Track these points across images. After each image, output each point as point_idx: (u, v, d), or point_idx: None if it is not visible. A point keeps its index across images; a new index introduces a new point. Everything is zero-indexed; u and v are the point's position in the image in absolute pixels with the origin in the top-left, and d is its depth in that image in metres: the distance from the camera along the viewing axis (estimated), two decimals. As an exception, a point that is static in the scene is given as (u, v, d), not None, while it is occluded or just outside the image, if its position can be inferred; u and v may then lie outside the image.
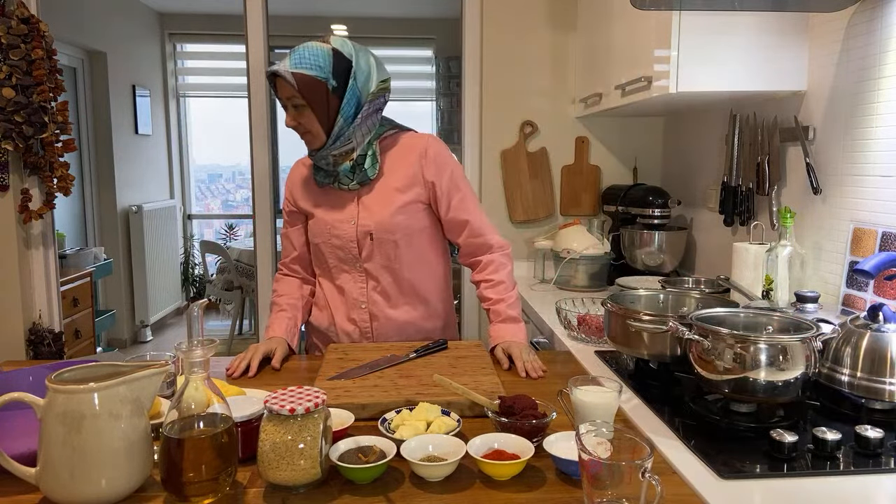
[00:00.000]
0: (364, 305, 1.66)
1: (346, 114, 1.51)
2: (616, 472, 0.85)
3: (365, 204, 1.62)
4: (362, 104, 1.53)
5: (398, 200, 1.60)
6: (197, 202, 6.26)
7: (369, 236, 1.60)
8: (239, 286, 4.69)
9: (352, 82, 1.50)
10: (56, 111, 2.31)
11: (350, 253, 1.63)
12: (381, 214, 1.60)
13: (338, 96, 1.50)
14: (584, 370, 1.53)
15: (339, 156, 1.56)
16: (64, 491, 0.90)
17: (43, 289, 2.45)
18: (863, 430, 1.09)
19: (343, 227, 1.62)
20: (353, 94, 1.51)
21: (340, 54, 1.50)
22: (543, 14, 2.81)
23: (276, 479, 0.94)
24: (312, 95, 1.48)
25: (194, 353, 0.93)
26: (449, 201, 1.64)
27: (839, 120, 1.72)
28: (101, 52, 4.72)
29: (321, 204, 1.65)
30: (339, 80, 1.50)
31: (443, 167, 1.62)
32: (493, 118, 2.86)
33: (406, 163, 1.62)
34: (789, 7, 1.77)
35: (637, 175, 2.92)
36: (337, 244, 1.63)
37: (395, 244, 1.61)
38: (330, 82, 1.49)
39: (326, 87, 1.49)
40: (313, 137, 1.54)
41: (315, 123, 1.52)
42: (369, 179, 1.60)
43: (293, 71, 1.47)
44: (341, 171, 1.58)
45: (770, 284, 1.73)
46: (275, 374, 1.52)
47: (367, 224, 1.60)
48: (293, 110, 1.52)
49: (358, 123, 1.54)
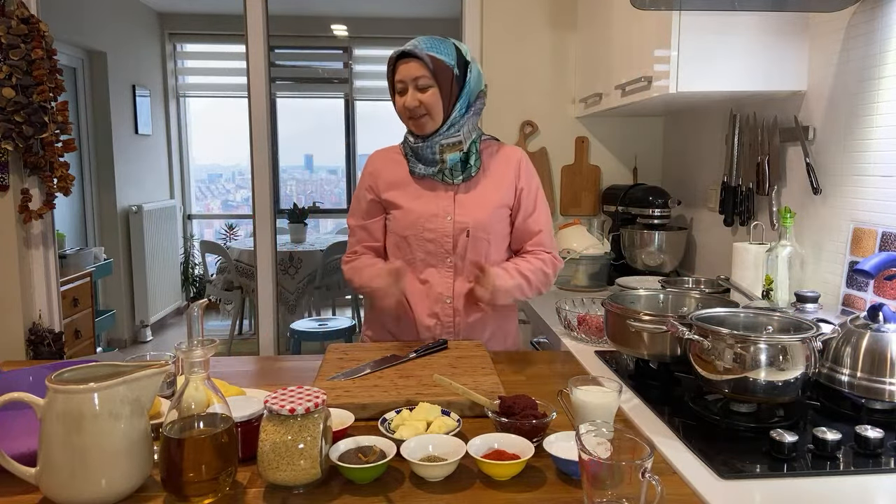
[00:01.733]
0: (449, 301, 1.67)
1: (462, 104, 1.61)
2: (616, 472, 0.85)
3: (461, 201, 1.65)
4: (473, 101, 1.63)
5: (495, 201, 1.66)
6: (197, 202, 6.26)
7: (466, 233, 1.64)
8: (239, 286, 4.69)
9: (469, 76, 1.61)
10: (56, 111, 2.31)
11: (443, 247, 1.65)
12: (479, 213, 1.64)
13: (458, 86, 1.60)
14: (584, 370, 1.53)
15: (447, 146, 1.62)
16: (64, 491, 0.90)
17: (43, 289, 2.46)
18: (863, 430, 1.09)
19: (438, 221, 1.64)
20: (469, 88, 1.61)
21: (460, 51, 1.61)
22: (543, 14, 2.81)
23: (276, 479, 0.94)
24: (442, 77, 1.57)
25: (194, 353, 0.93)
26: (528, 209, 1.70)
27: (839, 120, 1.72)
28: (101, 52, 4.72)
29: (414, 196, 1.67)
30: (461, 72, 1.60)
31: (532, 178, 1.71)
32: (493, 118, 2.86)
33: (505, 168, 1.69)
34: (789, 7, 1.77)
35: (637, 175, 2.92)
36: (430, 237, 1.65)
37: (487, 243, 1.66)
38: (455, 71, 1.58)
39: (453, 74, 1.58)
40: (431, 119, 1.59)
41: (439, 104, 1.58)
42: (472, 176, 1.66)
43: (429, 53, 1.55)
44: (449, 161, 1.62)
45: (770, 284, 1.73)
46: (275, 374, 1.52)
47: (464, 220, 1.64)
48: (417, 91, 1.57)
49: (469, 117, 1.63)
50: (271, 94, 2.94)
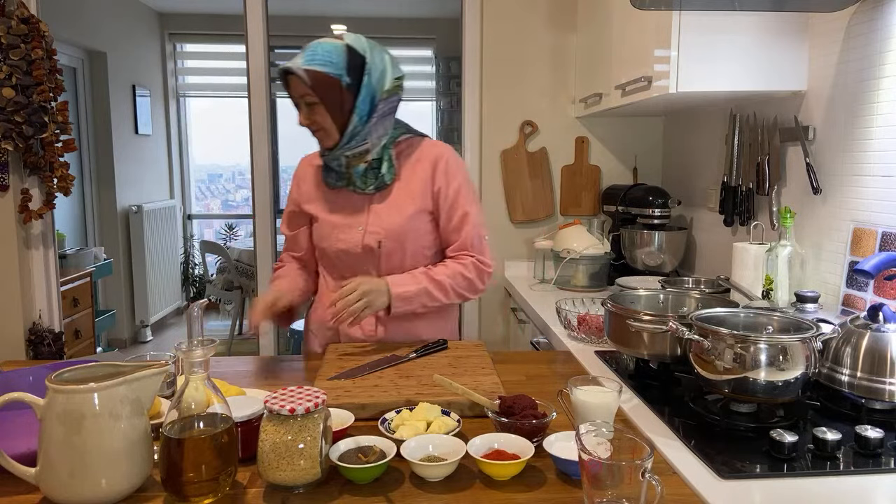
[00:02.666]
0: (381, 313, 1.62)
1: (360, 112, 1.50)
2: (616, 472, 0.85)
3: (376, 210, 1.60)
4: (377, 102, 1.51)
5: (410, 209, 1.59)
6: (197, 202, 6.26)
7: (378, 244, 1.59)
8: (239, 286, 4.69)
9: (366, 79, 1.49)
10: (56, 111, 2.31)
11: (356, 259, 1.61)
12: (393, 222, 1.58)
13: (352, 94, 1.49)
14: (584, 370, 1.53)
15: (353, 157, 1.55)
16: (64, 491, 0.90)
17: (43, 289, 2.46)
18: (863, 430, 1.09)
19: (351, 232, 1.60)
20: (368, 92, 1.50)
21: (354, 51, 1.49)
22: (543, 14, 2.81)
23: (276, 479, 0.94)
24: (326, 92, 1.47)
25: (194, 353, 0.93)
26: (447, 211, 1.61)
27: (839, 120, 1.72)
28: (101, 52, 4.73)
29: (330, 207, 1.63)
30: (354, 78, 1.48)
31: (452, 178, 1.60)
32: (493, 118, 2.86)
33: (420, 171, 1.60)
34: (789, 7, 1.77)
35: (637, 175, 2.92)
36: (343, 248, 1.62)
37: (402, 252, 1.60)
38: (344, 79, 1.47)
39: (340, 84, 1.47)
40: (326, 135, 1.52)
41: (328, 121, 1.50)
42: (386, 184, 1.58)
43: (306, 68, 1.45)
44: (355, 173, 1.56)
45: (770, 284, 1.73)
46: (275, 374, 1.52)
47: (376, 231, 1.58)
48: (306, 108, 1.50)
49: (374, 123, 1.52)
50: (271, 94, 2.94)
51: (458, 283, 1.61)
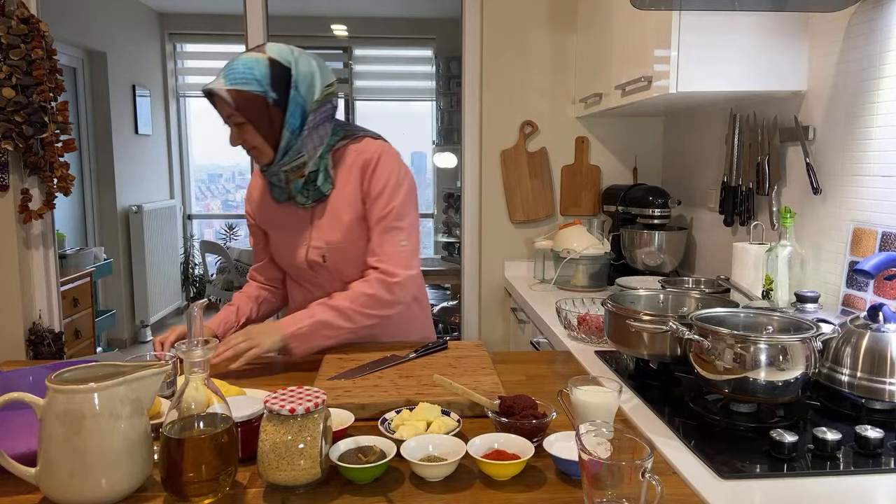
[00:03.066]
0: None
1: (291, 126, 1.44)
2: (616, 472, 0.85)
3: (318, 224, 1.56)
4: (308, 113, 1.45)
5: (346, 218, 1.53)
6: (197, 202, 6.27)
7: (322, 258, 1.56)
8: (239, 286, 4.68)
9: (293, 92, 1.42)
10: (56, 111, 2.31)
11: (304, 273, 1.62)
12: (333, 235, 1.54)
13: (280, 108, 1.42)
14: (584, 370, 1.53)
15: (291, 171, 1.49)
16: (64, 491, 0.90)
17: (43, 289, 2.46)
18: (863, 430, 1.09)
19: (296, 247, 1.58)
20: (297, 105, 1.43)
21: (278, 63, 1.42)
22: (543, 14, 2.81)
23: (276, 479, 0.94)
24: (251, 111, 1.40)
25: (194, 353, 0.93)
26: (371, 218, 1.53)
27: (839, 120, 1.72)
28: (101, 52, 4.73)
29: (278, 223, 1.62)
30: (280, 92, 1.41)
31: (378, 180, 1.51)
32: (493, 118, 2.86)
33: (352, 176, 1.53)
34: (789, 7, 1.77)
35: (637, 175, 2.92)
36: (292, 264, 1.62)
37: (350, 262, 1.57)
38: (269, 95, 1.40)
39: (266, 101, 1.40)
40: (260, 154, 1.47)
41: (259, 140, 1.44)
42: (324, 196, 1.53)
43: (228, 88, 1.38)
44: (294, 188, 1.51)
45: (770, 284, 1.73)
46: (275, 374, 1.52)
47: (319, 246, 1.55)
48: (235, 128, 1.44)
49: (306, 135, 1.46)
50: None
51: (361, 304, 1.50)
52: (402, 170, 1.56)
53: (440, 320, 4.33)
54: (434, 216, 6.08)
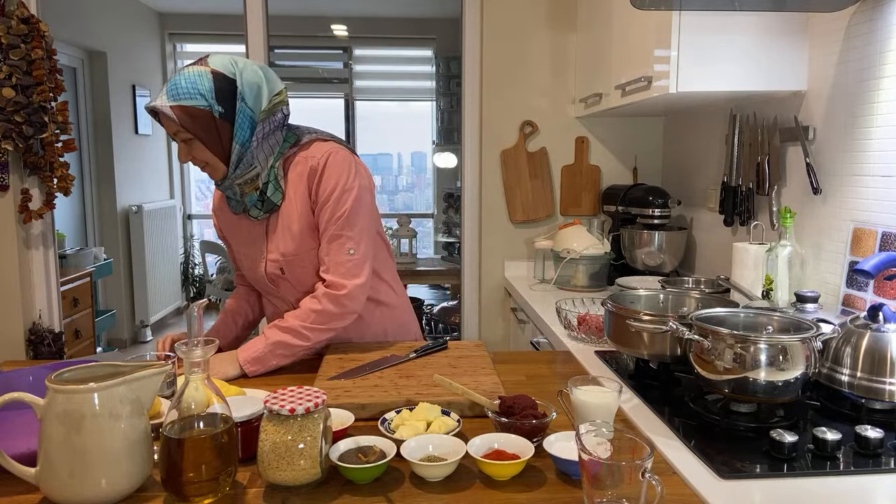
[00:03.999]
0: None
1: (240, 138, 1.40)
2: (616, 472, 0.85)
3: (272, 236, 1.53)
4: (256, 124, 1.41)
5: (297, 227, 1.49)
6: (197, 202, 6.26)
7: (281, 270, 1.53)
8: (239, 286, 4.69)
9: (240, 104, 1.38)
10: (56, 111, 2.31)
11: (265, 286, 1.60)
12: (287, 246, 1.50)
13: (228, 121, 1.38)
14: (584, 370, 1.53)
15: (245, 184, 1.45)
16: (64, 491, 0.90)
17: (43, 289, 2.46)
18: (863, 430, 1.09)
19: (255, 259, 1.57)
20: (245, 116, 1.39)
21: (222, 75, 1.37)
22: (543, 14, 2.81)
23: (276, 479, 0.94)
24: (198, 127, 1.36)
25: (194, 353, 0.93)
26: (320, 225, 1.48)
27: (839, 120, 1.72)
28: (101, 52, 4.73)
29: (237, 235, 1.60)
30: (226, 104, 1.37)
31: (325, 185, 1.45)
32: (493, 118, 2.86)
33: (301, 183, 1.48)
34: (789, 7, 1.77)
35: (637, 175, 2.92)
36: (253, 277, 1.60)
37: (308, 272, 1.52)
38: (215, 109, 1.36)
39: (212, 115, 1.36)
40: (212, 170, 1.43)
41: (208, 155, 1.40)
42: (276, 207, 1.49)
43: (171, 104, 1.34)
44: (248, 201, 1.48)
45: (770, 284, 1.73)
46: (275, 374, 1.52)
47: (276, 258, 1.52)
48: (183, 145, 1.40)
49: (256, 146, 1.42)
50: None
51: (312, 322, 1.46)
52: (352, 173, 1.47)
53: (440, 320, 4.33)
54: (434, 216, 6.08)
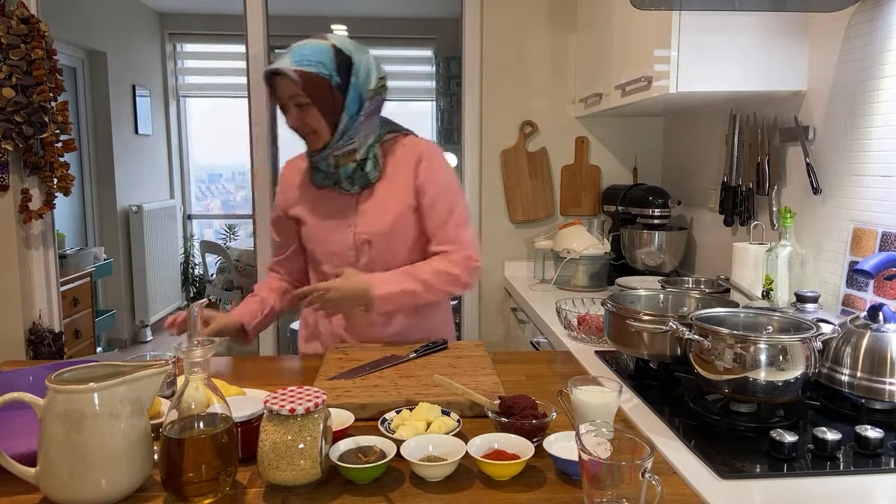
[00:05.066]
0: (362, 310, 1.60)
1: (350, 111, 1.50)
2: (616, 472, 0.85)
3: (363, 210, 1.59)
4: (364, 101, 1.52)
5: (396, 207, 1.58)
6: (197, 202, 6.26)
7: (367, 244, 1.58)
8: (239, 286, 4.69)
9: (353, 79, 1.49)
10: (56, 111, 2.31)
11: (347, 260, 1.60)
12: (380, 221, 1.57)
13: (341, 93, 1.49)
14: (584, 370, 1.53)
15: (342, 156, 1.54)
16: (64, 491, 0.90)
17: (43, 289, 2.46)
18: (863, 430, 1.09)
19: (340, 233, 1.59)
20: (356, 91, 1.50)
21: (340, 51, 1.49)
22: (543, 14, 2.81)
23: (276, 479, 0.94)
24: (317, 92, 1.46)
25: (194, 353, 0.93)
26: (435, 210, 1.59)
27: (839, 120, 1.72)
28: (101, 52, 4.73)
29: (317, 209, 1.62)
30: (342, 77, 1.48)
31: (435, 173, 1.59)
32: (493, 118, 2.86)
33: (404, 167, 1.59)
34: (789, 7, 1.77)
35: (637, 175, 2.92)
36: (333, 250, 1.61)
37: (393, 251, 1.59)
38: (333, 79, 1.47)
39: (330, 84, 1.47)
40: (318, 137, 1.52)
41: (321, 121, 1.49)
42: (370, 183, 1.58)
43: (296, 69, 1.44)
44: (342, 173, 1.56)
45: (770, 284, 1.73)
46: (275, 374, 1.52)
47: (364, 231, 1.58)
48: (296, 110, 1.49)
49: (362, 120, 1.52)
50: (271, 94, 2.94)
51: (442, 280, 1.57)
52: (451, 166, 1.66)
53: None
54: (434, 216, 6.06)
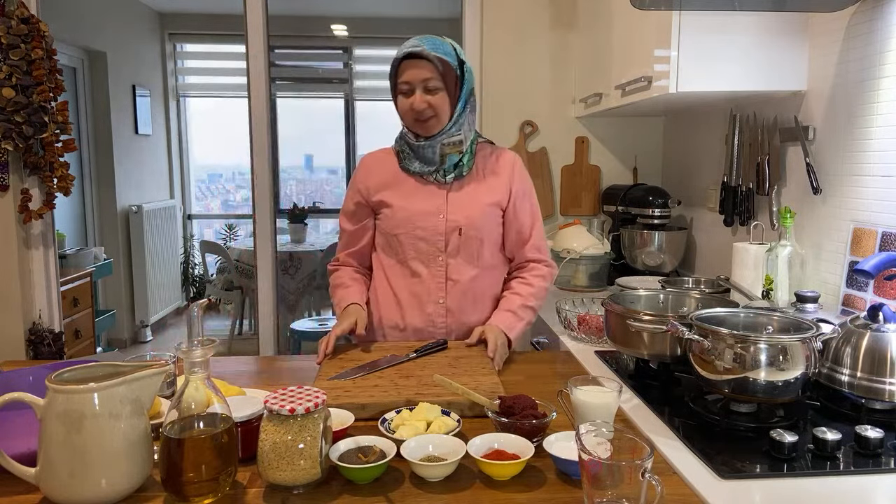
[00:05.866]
0: (442, 301, 1.66)
1: (463, 102, 1.62)
2: (616, 472, 0.85)
3: (453, 199, 1.65)
4: (469, 98, 1.64)
5: (487, 200, 1.65)
6: (197, 202, 6.26)
7: (458, 231, 1.63)
8: (239, 286, 4.69)
9: (467, 76, 1.62)
10: (56, 111, 2.31)
11: (435, 246, 1.64)
12: (471, 211, 1.64)
13: (459, 85, 1.60)
14: (584, 370, 1.53)
15: (449, 145, 1.62)
16: (64, 491, 0.90)
17: (43, 289, 2.45)
18: (863, 430, 1.09)
19: (431, 219, 1.64)
20: (468, 86, 1.62)
21: (456, 50, 1.62)
22: (543, 14, 2.81)
23: (276, 479, 0.94)
24: (448, 78, 1.57)
25: (194, 353, 0.93)
26: (523, 213, 1.69)
27: (839, 120, 1.72)
28: (101, 52, 4.72)
29: (405, 194, 1.67)
30: (460, 71, 1.60)
31: (526, 181, 1.72)
32: (493, 118, 2.86)
33: (499, 168, 1.69)
34: (789, 7, 1.77)
35: (637, 175, 2.92)
36: (421, 235, 1.64)
37: (480, 242, 1.66)
38: (457, 70, 1.59)
39: (456, 74, 1.59)
40: (438, 121, 1.59)
41: (446, 105, 1.58)
42: (463, 175, 1.66)
43: (437, 56, 1.55)
44: (448, 161, 1.63)
45: (770, 284, 1.73)
46: (275, 374, 1.52)
47: (456, 219, 1.63)
48: (425, 94, 1.56)
49: (468, 113, 1.64)
50: (271, 94, 2.94)
51: (541, 298, 1.72)
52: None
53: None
54: (434, 216, 6.06)
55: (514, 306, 1.66)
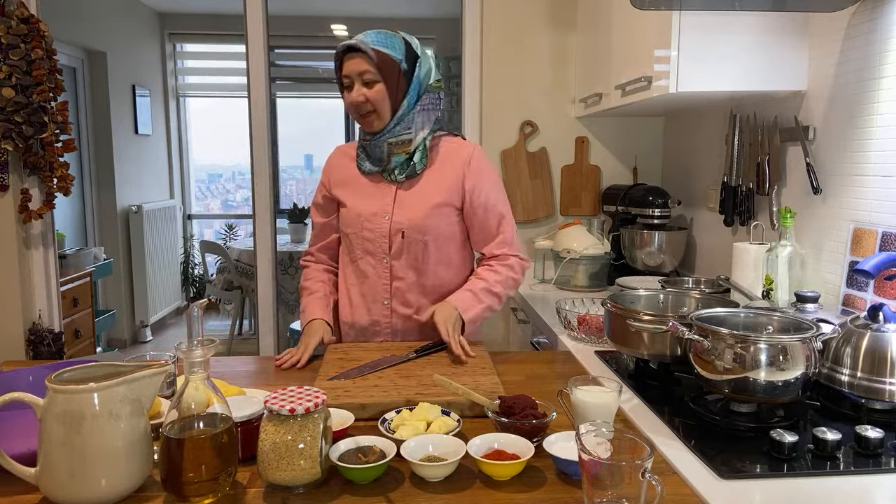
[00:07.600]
0: (387, 301, 1.66)
1: (410, 99, 1.58)
2: (616, 472, 0.85)
3: (402, 199, 1.63)
4: (422, 94, 1.60)
5: (434, 201, 1.62)
6: (197, 202, 6.26)
7: (401, 234, 1.62)
8: (239, 286, 4.69)
9: (417, 70, 1.58)
10: (56, 111, 2.31)
11: (380, 247, 1.64)
12: (416, 213, 1.62)
13: (406, 80, 1.57)
14: (584, 370, 1.53)
15: (395, 145, 1.60)
16: (64, 491, 0.90)
17: (43, 289, 2.45)
18: (863, 430, 1.09)
19: (377, 221, 1.63)
20: (418, 82, 1.58)
21: (409, 44, 1.59)
22: (543, 14, 2.81)
23: (276, 479, 0.94)
24: (387, 72, 1.54)
25: (194, 353, 0.93)
26: (478, 209, 1.65)
27: (839, 120, 1.72)
28: (101, 52, 4.72)
29: (357, 193, 1.67)
30: (409, 66, 1.57)
31: (484, 176, 1.66)
32: (493, 118, 2.86)
33: (450, 166, 1.65)
34: (789, 7, 1.77)
35: (637, 175, 2.92)
36: (368, 237, 1.64)
37: (424, 245, 1.63)
38: (402, 64, 1.56)
39: (399, 68, 1.55)
40: (378, 117, 1.57)
41: (385, 101, 1.55)
42: (416, 174, 1.62)
43: (373, 47, 1.53)
44: (394, 161, 1.61)
45: (770, 284, 1.73)
46: (275, 374, 1.52)
47: (400, 221, 1.62)
48: (363, 87, 1.55)
49: (418, 111, 1.60)
50: (271, 94, 2.94)
51: (508, 287, 1.68)
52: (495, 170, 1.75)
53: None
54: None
55: (475, 288, 1.64)
